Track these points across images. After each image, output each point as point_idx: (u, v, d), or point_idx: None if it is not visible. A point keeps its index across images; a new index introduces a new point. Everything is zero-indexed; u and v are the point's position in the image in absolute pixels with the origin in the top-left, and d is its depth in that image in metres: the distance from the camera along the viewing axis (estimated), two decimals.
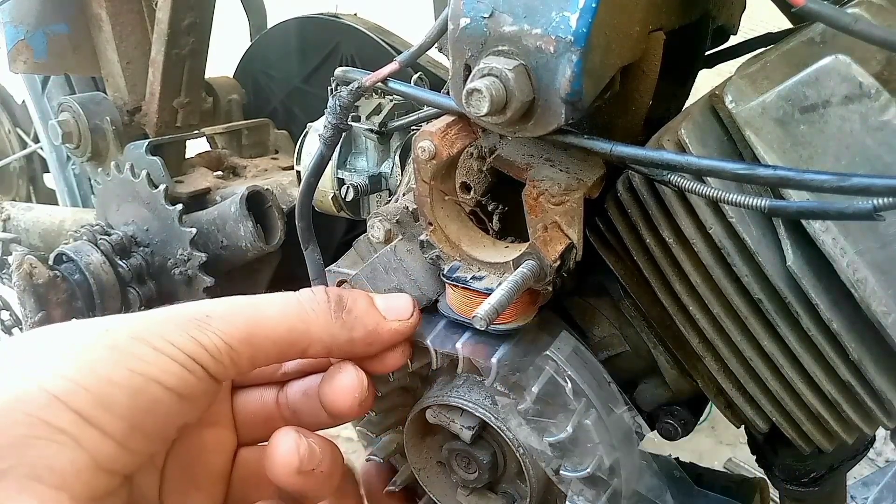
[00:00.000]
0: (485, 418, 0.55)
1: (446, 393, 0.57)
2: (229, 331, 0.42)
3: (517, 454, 0.55)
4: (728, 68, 0.57)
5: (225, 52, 1.29)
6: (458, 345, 0.54)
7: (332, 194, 0.83)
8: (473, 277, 0.53)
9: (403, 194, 0.64)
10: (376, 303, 0.50)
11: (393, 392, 0.60)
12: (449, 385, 0.58)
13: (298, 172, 0.84)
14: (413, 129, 0.74)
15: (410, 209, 0.59)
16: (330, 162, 0.70)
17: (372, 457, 0.62)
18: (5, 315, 1.29)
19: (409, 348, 0.53)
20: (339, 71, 0.58)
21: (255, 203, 0.94)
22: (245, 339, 0.42)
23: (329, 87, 0.61)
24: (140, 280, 0.98)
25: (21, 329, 1.21)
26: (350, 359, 0.49)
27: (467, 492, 0.60)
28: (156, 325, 0.40)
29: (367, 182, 0.82)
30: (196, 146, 1.21)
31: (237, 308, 0.43)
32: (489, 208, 0.58)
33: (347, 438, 1.91)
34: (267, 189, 0.96)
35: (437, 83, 0.92)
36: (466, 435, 0.56)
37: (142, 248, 0.99)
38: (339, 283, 0.65)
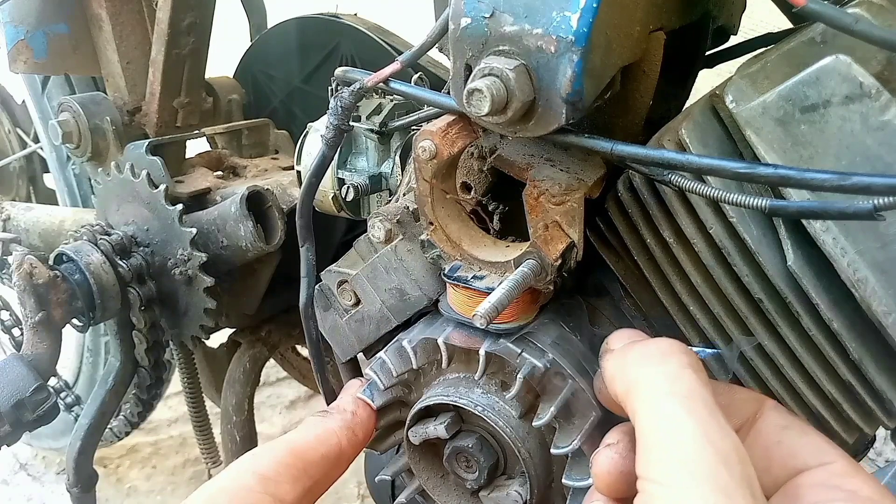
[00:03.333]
0: (446, 402, 0.55)
1: (414, 407, 0.58)
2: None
3: (487, 420, 0.54)
4: (728, 68, 0.57)
5: (225, 52, 1.29)
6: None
7: (332, 194, 0.83)
8: (474, 277, 0.53)
9: (404, 194, 0.64)
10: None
11: (391, 405, 0.61)
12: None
13: (299, 172, 0.84)
14: (413, 129, 0.74)
15: (411, 209, 0.59)
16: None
17: (383, 477, 0.62)
18: (5, 315, 1.29)
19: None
20: (339, 71, 0.58)
21: (255, 203, 0.94)
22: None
23: (329, 88, 0.61)
24: (140, 280, 0.98)
25: (21, 329, 1.21)
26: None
27: (488, 491, 0.60)
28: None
29: (367, 182, 0.82)
30: (196, 146, 1.21)
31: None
32: (490, 208, 0.58)
33: None
34: (267, 189, 0.95)
35: (437, 83, 0.92)
36: (441, 430, 0.56)
37: (142, 248, 0.99)
38: (339, 283, 0.65)
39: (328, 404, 0.61)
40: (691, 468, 0.36)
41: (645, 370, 0.43)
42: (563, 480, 0.53)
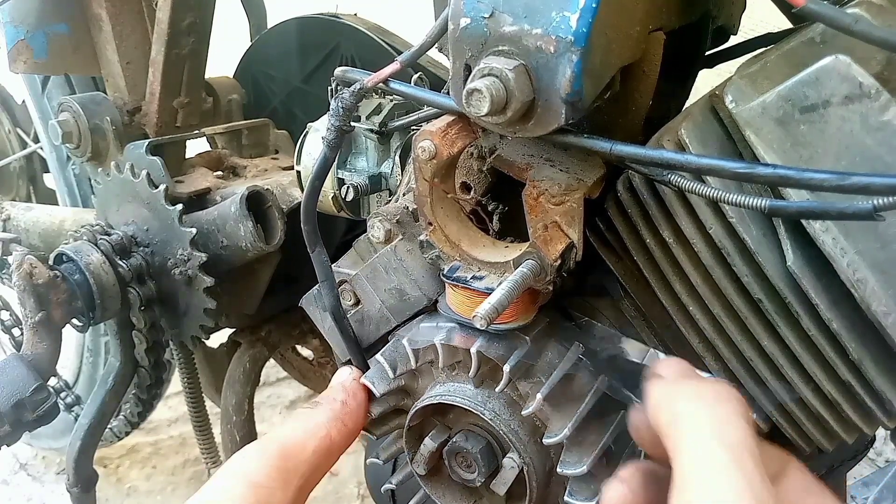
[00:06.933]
0: (425, 405, 0.56)
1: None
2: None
3: (464, 405, 0.55)
4: (728, 68, 0.57)
5: (225, 52, 1.29)
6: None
7: (332, 194, 0.83)
8: (473, 277, 0.53)
9: (403, 194, 0.64)
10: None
11: (392, 394, 0.60)
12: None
13: (298, 172, 0.84)
14: (413, 129, 0.74)
15: (410, 209, 0.59)
16: None
17: (374, 459, 0.62)
18: (5, 315, 1.29)
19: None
20: (338, 71, 0.58)
21: (255, 203, 0.94)
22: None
23: (329, 88, 0.61)
24: (140, 280, 0.98)
25: (21, 329, 1.21)
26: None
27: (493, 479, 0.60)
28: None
29: (367, 182, 0.82)
30: (196, 146, 1.20)
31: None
32: (489, 208, 0.58)
33: None
34: (267, 189, 0.95)
35: (437, 83, 0.92)
36: (429, 443, 0.57)
37: (142, 248, 0.99)
38: (340, 283, 0.65)
39: None
40: None
41: (696, 409, 0.42)
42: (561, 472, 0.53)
